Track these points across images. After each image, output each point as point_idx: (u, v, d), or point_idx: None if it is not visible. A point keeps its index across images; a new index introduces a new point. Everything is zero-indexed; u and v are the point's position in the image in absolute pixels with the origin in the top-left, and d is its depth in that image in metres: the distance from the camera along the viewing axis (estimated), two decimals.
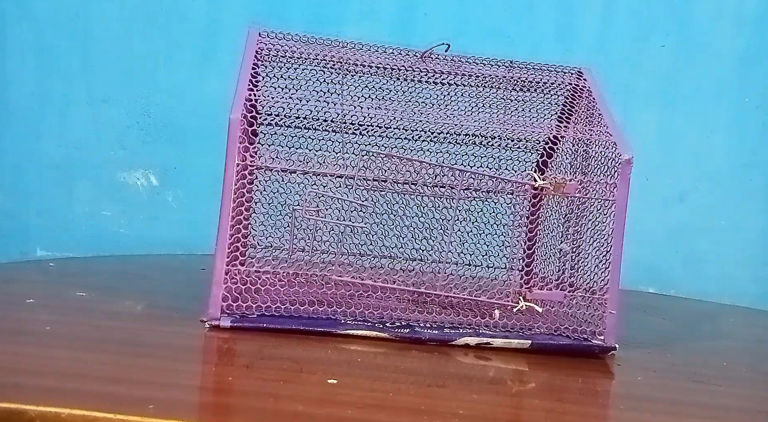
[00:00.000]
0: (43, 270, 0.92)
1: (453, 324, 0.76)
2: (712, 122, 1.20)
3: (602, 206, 0.75)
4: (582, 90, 0.85)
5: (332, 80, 0.83)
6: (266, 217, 0.80)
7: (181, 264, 1.09)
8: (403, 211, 0.83)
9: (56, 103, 1.21)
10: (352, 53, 0.83)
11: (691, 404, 0.63)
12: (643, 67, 1.20)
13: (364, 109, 0.78)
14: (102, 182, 1.22)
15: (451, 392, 0.59)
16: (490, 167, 0.86)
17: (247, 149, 0.72)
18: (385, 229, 0.84)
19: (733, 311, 1.11)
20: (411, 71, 0.83)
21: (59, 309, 0.73)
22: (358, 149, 0.76)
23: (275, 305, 0.73)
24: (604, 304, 0.74)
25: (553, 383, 0.66)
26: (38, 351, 0.60)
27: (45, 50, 1.21)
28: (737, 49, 1.19)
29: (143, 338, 0.67)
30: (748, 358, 0.83)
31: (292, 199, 0.79)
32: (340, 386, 0.58)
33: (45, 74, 1.21)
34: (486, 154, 0.86)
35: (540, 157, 0.84)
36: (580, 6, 1.21)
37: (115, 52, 1.21)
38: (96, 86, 1.21)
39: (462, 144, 0.84)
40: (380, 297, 0.77)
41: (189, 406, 0.53)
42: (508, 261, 0.83)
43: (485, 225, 0.85)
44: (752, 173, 1.20)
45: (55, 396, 0.51)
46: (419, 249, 0.84)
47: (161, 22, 1.21)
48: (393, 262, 0.85)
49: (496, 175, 0.77)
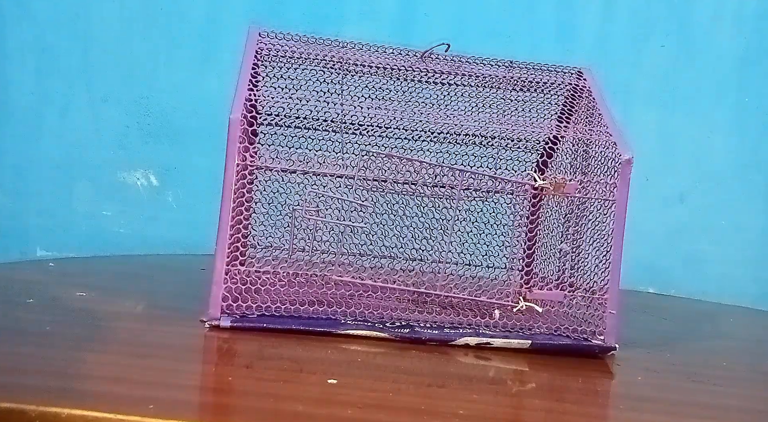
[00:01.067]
0: (43, 270, 0.92)
1: (453, 324, 0.76)
2: (712, 122, 1.20)
3: (602, 206, 0.75)
4: (582, 90, 0.85)
5: (332, 80, 0.83)
6: (266, 217, 0.80)
7: (181, 264, 1.09)
8: (403, 210, 0.83)
9: (56, 103, 1.21)
10: (352, 53, 0.83)
11: (691, 404, 0.63)
12: (643, 67, 1.20)
13: (364, 109, 0.78)
14: (102, 182, 1.22)
15: (451, 392, 0.59)
16: (490, 167, 0.86)
17: (247, 149, 0.72)
18: (385, 229, 0.84)
19: (733, 311, 1.11)
20: (411, 71, 0.83)
21: (59, 309, 0.73)
22: (358, 149, 0.76)
23: (275, 305, 0.73)
24: (604, 304, 0.74)
25: (553, 383, 0.66)
26: (38, 351, 0.60)
27: (45, 50, 1.20)
28: (737, 49, 1.19)
29: (143, 338, 0.67)
30: (748, 358, 0.83)
31: (292, 199, 0.79)
32: (340, 386, 0.58)
33: (45, 74, 1.21)
34: (486, 154, 0.86)
35: (540, 157, 0.84)
36: (580, 6, 1.21)
37: (115, 52, 1.21)
38: (96, 86, 1.21)
39: (462, 144, 0.84)
40: (380, 297, 0.77)
41: (189, 406, 0.53)
42: (508, 261, 0.83)
43: (485, 225, 0.85)
44: (752, 173, 1.20)
45: (55, 396, 0.51)
46: (419, 249, 0.84)
47: (161, 22, 1.21)
48: (393, 262, 0.85)
49: (496, 175, 0.77)
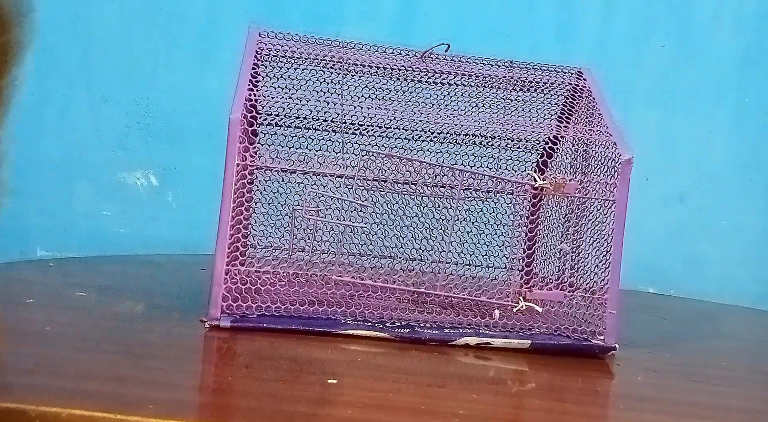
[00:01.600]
0: (43, 270, 0.92)
1: (453, 324, 0.76)
2: (712, 122, 1.20)
3: (602, 206, 0.75)
4: (582, 90, 0.84)
5: (332, 80, 0.82)
6: (266, 217, 0.80)
7: (181, 265, 1.09)
8: (403, 211, 0.83)
9: (56, 103, 1.21)
10: (352, 53, 0.83)
11: (691, 404, 0.63)
12: (643, 67, 1.20)
13: (364, 109, 0.78)
14: (102, 182, 1.22)
15: (451, 392, 0.59)
16: (490, 167, 0.86)
17: (247, 149, 0.72)
18: (385, 229, 0.84)
19: (733, 311, 1.11)
20: (411, 71, 0.83)
21: (59, 309, 0.73)
22: (358, 149, 0.76)
23: (275, 305, 0.73)
24: (604, 304, 0.74)
25: (553, 383, 0.66)
26: (38, 351, 0.60)
27: (45, 50, 1.20)
28: (737, 49, 1.19)
29: (143, 338, 0.67)
30: (748, 358, 0.83)
31: (292, 199, 0.79)
32: (340, 386, 0.58)
33: (45, 74, 1.21)
34: (486, 154, 0.86)
35: (540, 157, 0.84)
36: (580, 6, 1.21)
37: (115, 52, 1.21)
38: (96, 86, 1.21)
39: (462, 144, 0.84)
40: (380, 297, 0.77)
41: (189, 406, 0.53)
42: (508, 261, 0.83)
43: (485, 225, 0.85)
44: (752, 173, 1.20)
45: (55, 396, 0.51)
46: (419, 249, 0.84)
47: (161, 22, 1.21)
48: (393, 262, 0.85)
49: (496, 175, 0.77)
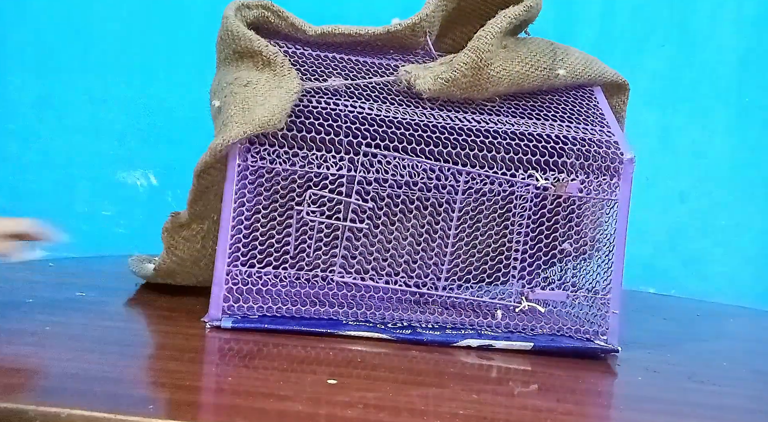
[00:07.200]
0: (43, 270, 0.92)
1: (455, 325, 0.76)
2: (712, 122, 1.20)
3: (604, 206, 0.75)
4: (583, 89, 0.84)
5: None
6: (267, 218, 0.80)
7: None
8: (403, 211, 0.83)
9: (56, 103, 1.21)
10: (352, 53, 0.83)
11: (691, 404, 0.63)
12: (643, 67, 1.20)
13: (365, 109, 0.78)
14: (102, 182, 1.22)
15: (451, 392, 0.59)
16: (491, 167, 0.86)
17: (248, 149, 0.72)
18: (385, 229, 0.83)
19: (733, 311, 1.10)
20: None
21: (59, 309, 0.73)
22: (358, 149, 0.76)
23: (276, 306, 0.73)
24: (607, 304, 0.74)
25: (554, 383, 0.66)
26: (38, 351, 0.60)
27: (45, 50, 1.20)
28: (737, 49, 1.19)
29: (143, 338, 0.67)
30: (749, 358, 0.83)
31: (292, 200, 0.78)
32: (340, 386, 0.58)
33: (45, 74, 1.21)
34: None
35: (541, 156, 0.83)
36: (580, 6, 1.21)
37: (114, 52, 1.21)
38: (96, 86, 1.21)
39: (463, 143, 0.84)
40: (381, 298, 0.77)
41: (189, 406, 0.53)
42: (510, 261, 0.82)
43: (486, 225, 0.84)
44: (752, 173, 1.20)
45: (55, 396, 0.51)
46: (420, 249, 0.84)
47: (161, 22, 1.21)
48: (393, 263, 0.85)
49: (498, 175, 0.77)
